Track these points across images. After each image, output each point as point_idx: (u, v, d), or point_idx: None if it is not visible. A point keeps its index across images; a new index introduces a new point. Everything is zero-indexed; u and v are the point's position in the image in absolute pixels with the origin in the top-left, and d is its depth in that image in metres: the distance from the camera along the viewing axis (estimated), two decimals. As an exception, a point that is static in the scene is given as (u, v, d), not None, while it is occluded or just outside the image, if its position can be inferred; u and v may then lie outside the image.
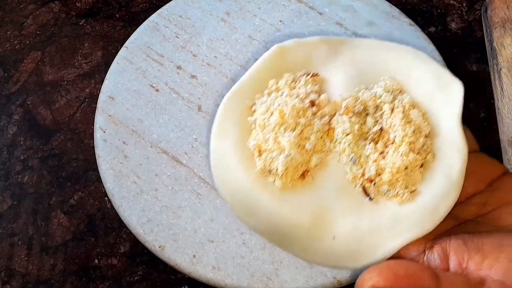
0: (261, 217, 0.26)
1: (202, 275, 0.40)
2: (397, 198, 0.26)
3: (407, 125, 0.26)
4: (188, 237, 0.41)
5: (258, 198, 0.26)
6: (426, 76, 0.27)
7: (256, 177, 0.26)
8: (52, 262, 0.44)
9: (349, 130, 0.26)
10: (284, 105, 0.26)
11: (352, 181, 0.27)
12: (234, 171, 0.26)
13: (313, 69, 0.28)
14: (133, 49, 0.49)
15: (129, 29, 0.52)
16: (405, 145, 0.25)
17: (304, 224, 0.26)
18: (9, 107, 0.50)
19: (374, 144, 0.26)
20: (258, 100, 0.27)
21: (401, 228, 0.25)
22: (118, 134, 0.45)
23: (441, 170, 0.25)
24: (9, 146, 0.48)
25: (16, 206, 0.46)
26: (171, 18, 0.51)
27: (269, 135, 0.26)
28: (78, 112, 0.50)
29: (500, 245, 0.22)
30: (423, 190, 0.25)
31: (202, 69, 0.48)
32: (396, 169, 0.25)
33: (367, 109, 0.27)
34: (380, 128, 0.26)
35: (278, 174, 0.26)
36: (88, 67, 0.52)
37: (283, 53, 0.28)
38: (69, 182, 0.47)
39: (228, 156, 0.27)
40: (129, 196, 0.43)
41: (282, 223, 0.26)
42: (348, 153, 0.26)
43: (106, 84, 0.48)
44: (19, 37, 0.54)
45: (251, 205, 0.26)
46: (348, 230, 0.25)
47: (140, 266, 0.43)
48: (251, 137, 0.27)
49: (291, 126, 0.26)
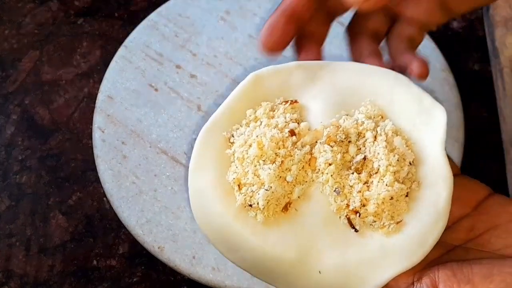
0: (244, 252, 0.25)
1: (202, 276, 0.39)
2: (383, 229, 0.25)
3: (391, 154, 0.25)
4: (188, 237, 0.41)
5: (240, 233, 0.25)
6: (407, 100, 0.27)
7: (237, 212, 0.26)
8: (50, 263, 0.43)
9: (331, 160, 0.25)
10: (263, 136, 0.26)
11: (337, 213, 0.26)
12: (214, 206, 0.26)
13: (291, 96, 0.28)
14: (132, 48, 0.49)
15: (128, 28, 0.52)
16: (389, 174, 0.25)
17: (289, 259, 0.25)
18: (7, 106, 0.50)
19: (357, 174, 0.26)
20: (236, 132, 0.27)
21: (389, 260, 0.24)
22: (117, 134, 0.45)
23: (427, 199, 0.25)
24: (7, 146, 0.48)
25: (14, 207, 0.46)
26: (170, 17, 0.51)
27: (248, 168, 0.26)
28: (77, 111, 0.50)
29: (490, 275, 0.22)
30: (410, 221, 0.25)
31: (201, 68, 0.48)
32: (381, 200, 0.25)
33: (349, 137, 0.26)
34: (364, 157, 0.26)
35: (260, 208, 0.25)
36: (87, 66, 0.52)
37: (259, 81, 0.28)
38: (68, 183, 0.46)
39: (207, 191, 0.26)
40: (128, 197, 0.42)
41: (266, 259, 0.25)
42: (331, 183, 0.26)
43: (105, 84, 0.48)
44: (17, 36, 0.54)
45: (233, 240, 0.25)
46: (334, 264, 0.25)
47: (139, 267, 0.43)
48: (230, 171, 0.26)
49: (270, 158, 0.25)
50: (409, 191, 0.25)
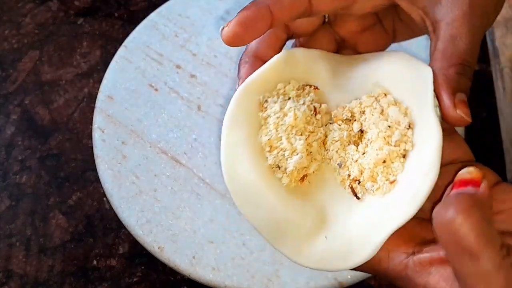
0: (263, 211, 0.27)
1: (202, 276, 0.39)
2: (379, 191, 0.27)
3: (382, 122, 0.27)
4: (188, 238, 0.41)
5: (263, 192, 0.27)
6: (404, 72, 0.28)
7: (264, 171, 0.28)
8: (50, 263, 0.43)
9: (337, 138, 0.28)
10: (297, 109, 0.28)
11: (341, 184, 0.28)
12: (243, 162, 0.28)
13: (313, 81, 0.30)
14: (132, 48, 0.49)
15: (128, 28, 0.52)
16: (379, 140, 0.27)
17: (304, 226, 0.27)
18: (7, 106, 0.50)
19: (355, 146, 0.28)
20: (270, 99, 0.28)
21: (386, 217, 0.26)
22: (116, 134, 0.45)
23: (417, 156, 0.26)
24: (7, 146, 0.48)
25: (14, 207, 0.45)
26: (170, 17, 0.51)
27: (282, 134, 0.28)
28: (77, 111, 0.50)
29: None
30: (402, 178, 0.26)
31: (201, 68, 0.48)
32: (373, 164, 0.27)
33: (354, 116, 0.28)
34: (360, 130, 0.28)
35: (287, 172, 0.27)
36: (87, 66, 0.52)
37: (290, 60, 0.30)
38: (68, 183, 0.46)
39: (238, 147, 0.28)
40: (128, 197, 0.42)
41: (282, 221, 0.27)
42: (335, 158, 0.28)
43: (105, 84, 0.48)
44: (17, 36, 0.54)
45: (255, 197, 0.27)
46: (338, 230, 0.27)
47: (139, 267, 0.43)
48: (263, 132, 0.28)
49: (301, 130, 0.28)
50: (406, 153, 0.27)
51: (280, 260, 0.40)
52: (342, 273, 0.39)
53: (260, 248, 0.40)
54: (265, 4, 0.26)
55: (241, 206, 0.27)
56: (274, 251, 0.40)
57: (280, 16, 0.26)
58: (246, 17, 0.26)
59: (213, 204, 0.42)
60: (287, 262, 0.40)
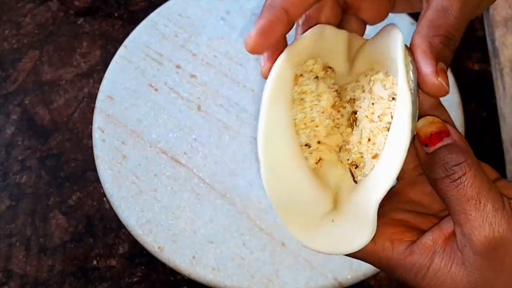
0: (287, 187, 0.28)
1: (202, 276, 0.39)
2: (365, 169, 0.27)
3: (366, 100, 0.28)
4: (188, 238, 0.41)
5: (291, 168, 0.28)
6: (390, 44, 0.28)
7: (296, 148, 0.28)
8: (50, 263, 0.43)
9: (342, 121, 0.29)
10: (329, 93, 0.29)
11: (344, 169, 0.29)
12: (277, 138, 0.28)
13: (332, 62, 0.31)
14: (132, 48, 0.49)
15: (128, 28, 0.52)
16: (364, 119, 0.27)
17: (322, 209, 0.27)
18: (7, 106, 0.50)
19: (351, 129, 0.29)
20: (305, 74, 0.29)
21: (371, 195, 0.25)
22: (116, 134, 0.45)
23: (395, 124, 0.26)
24: (7, 146, 0.48)
25: (14, 207, 0.45)
26: (170, 17, 0.51)
27: (315, 115, 0.29)
28: (77, 111, 0.50)
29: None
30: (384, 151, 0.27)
31: (201, 68, 0.48)
32: (357, 145, 0.27)
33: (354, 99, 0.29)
34: (354, 112, 0.29)
35: (312, 152, 0.28)
36: (87, 66, 0.52)
37: (320, 36, 0.30)
38: (68, 183, 0.46)
39: (278, 121, 0.28)
40: (128, 197, 0.42)
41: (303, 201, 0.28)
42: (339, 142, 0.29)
43: (105, 84, 0.48)
44: (17, 36, 0.54)
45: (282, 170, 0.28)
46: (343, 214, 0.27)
47: (139, 267, 0.43)
48: (298, 110, 0.29)
49: (329, 114, 0.29)
50: (389, 126, 0.27)
51: (280, 260, 0.40)
52: (342, 273, 0.39)
53: (260, 248, 0.40)
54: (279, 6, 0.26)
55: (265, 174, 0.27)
56: (274, 251, 0.40)
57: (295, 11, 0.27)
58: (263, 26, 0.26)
59: (213, 204, 0.42)
60: (287, 262, 0.40)
